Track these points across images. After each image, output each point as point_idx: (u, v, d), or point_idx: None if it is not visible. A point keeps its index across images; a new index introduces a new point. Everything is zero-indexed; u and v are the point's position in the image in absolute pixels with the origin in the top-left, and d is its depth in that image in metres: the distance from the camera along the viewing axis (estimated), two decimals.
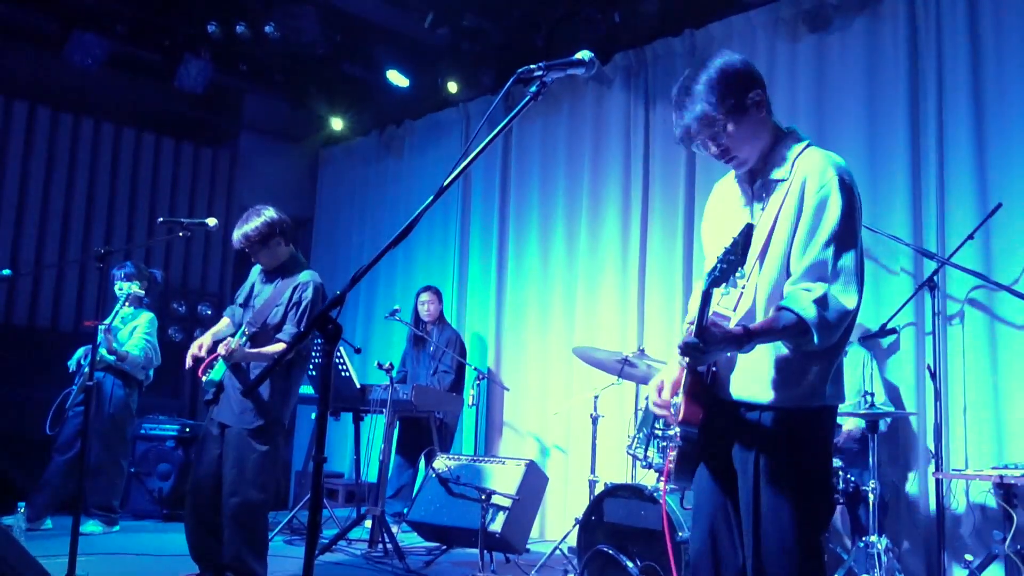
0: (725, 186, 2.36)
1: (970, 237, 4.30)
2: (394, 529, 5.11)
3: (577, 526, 4.13)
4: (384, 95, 7.52)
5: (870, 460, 3.90)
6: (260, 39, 6.39)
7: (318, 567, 4.56)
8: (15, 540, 2.97)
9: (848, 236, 2.06)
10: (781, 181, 2.15)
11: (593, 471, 4.70)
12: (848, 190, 2.08)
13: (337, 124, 8.07)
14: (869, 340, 4.64)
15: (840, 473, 3.98)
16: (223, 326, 4.08)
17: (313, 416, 5.18)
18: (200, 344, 3.89)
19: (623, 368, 4.51)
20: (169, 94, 7.09)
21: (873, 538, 3.80)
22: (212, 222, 4.32)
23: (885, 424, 4.46)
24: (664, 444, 3.76)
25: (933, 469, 4.29)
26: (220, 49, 6.81)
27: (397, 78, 7.00)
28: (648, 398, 2.31)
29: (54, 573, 2.92)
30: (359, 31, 6.78)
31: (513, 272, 6.86)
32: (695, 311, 2.05)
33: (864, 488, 3.90)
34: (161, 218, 4.71)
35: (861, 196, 2.16)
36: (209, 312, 7.76)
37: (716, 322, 2.04)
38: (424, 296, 6.43)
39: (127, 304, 5.54)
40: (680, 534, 3.55)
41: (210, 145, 8.33)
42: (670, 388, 2.20)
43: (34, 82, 7.14)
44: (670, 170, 5.87)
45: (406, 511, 5.15)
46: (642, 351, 4.76)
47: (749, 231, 1.95)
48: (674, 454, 2.18)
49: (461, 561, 4.99)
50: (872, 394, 4.16)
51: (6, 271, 5.71)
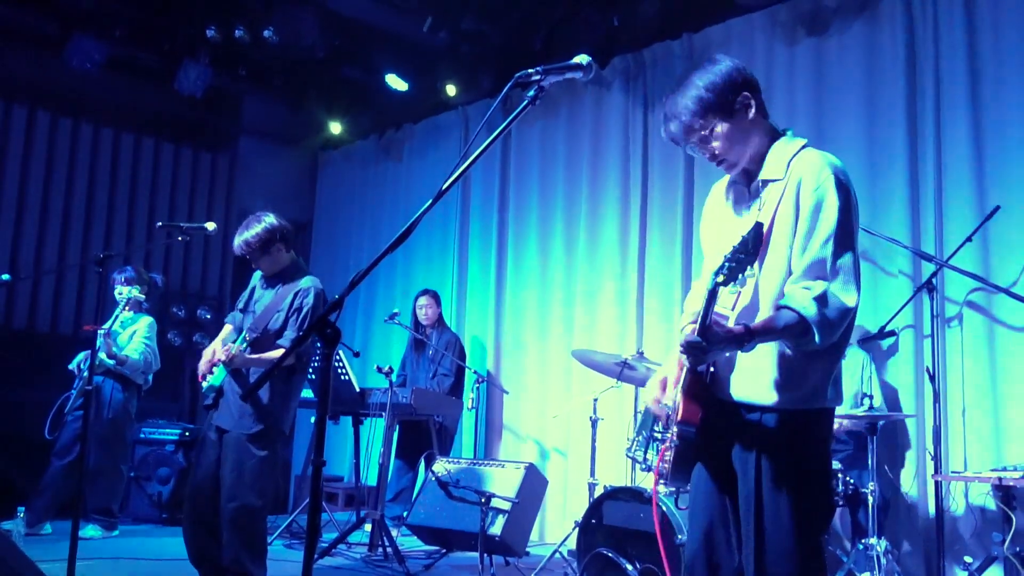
0: (722, 188, 2.38)
1: (968, 239, 4.31)
2: (394, 533, 5.10)
3: (577, 529, 4.13)
4: (383, 98, 7.53)
5: (869, 462, 3.90)
6: (259, 43, 6.39)
7: (317, 571, 4.56)
8: (14, 544, 2.97)
9: (845, 235, 2.07)
10: (777, 181, 2.16)
11: (592, 474, 4.70)
12: (844, 189, 2.09)
13: (336, 127, 8.08)
14: (868, 342, 4.64)
15: (840, 475, 3.97)
16: (226, 334, 4.06)
17: (312, 420, 5.17)
18: (210, 354, 3.89)
19: (622, 371, 4.50)
20: (168, 97, 7.09)
21: (872, 540, 3.81)
22: (211, 226, 4.32)
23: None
24: (663, 446, 3.76)
25: (932, 471, 4.28)
26: (219, 53, 6.81)
27: (396, 81, 7.01)
28: (645, 399, 2.31)
29: None
30: (358, 35, 6.79)
31: (512, 275, 6.85)
32: (695, 310, 2.05)
33: (864, 490, 3.90)
34: (160, 222, 4.72)
35: (860, 198, 2.17)
36: (208, 316, 7.75)
37: (717, 321, 2.05)
38: (422, 300, 6.43)
39: (127, 308, 5.53)
40: (679, 536, 3.55)
41: (209, 149, 8.33)
42: (672, 385, 2.21)
43: (33, 85, 7.14)
44: (669, 173, 5.87)
45: (406, 515, 5.14)
46: (641, 354, 4.76)
47: (759, 229, 1.96)
48: (669, 454, 2.18)
49: (461, 564, 4.99)
50: (871, 396, 4.16)
51: (5, 275, 5.71)
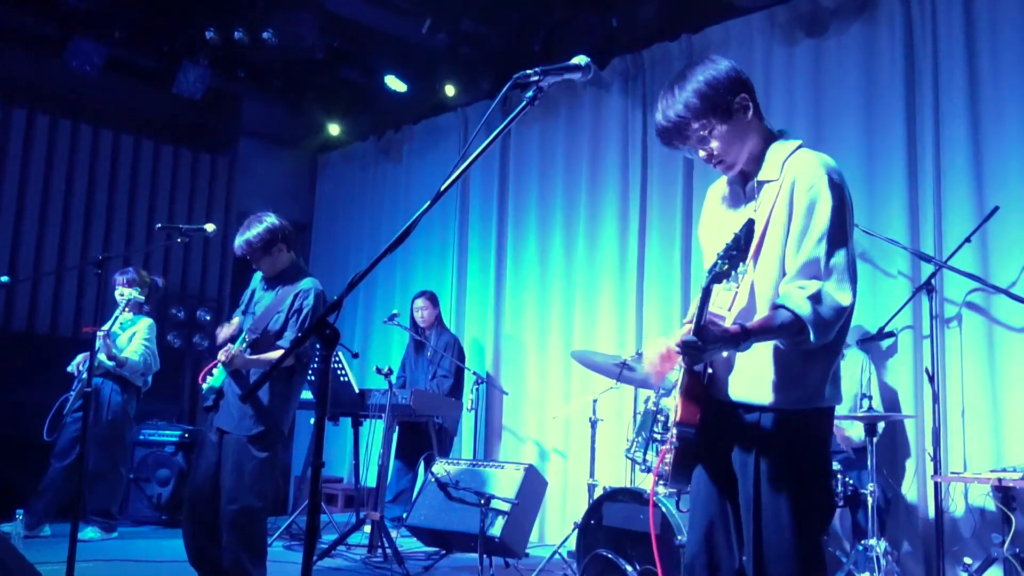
0: (719, 189, 2.39)
1: (967, 240, 4.30)
2: (393, 534, 5.10)
3: (576, 530, 4.13)
4: (382, 100, 7.53)
5: (869, 463, 3.90)
6: (258, 44, 6.39)
7: (317, 572, 4.56)
8: (13, 547, 2.97)
9: (839, 233, 2.08)
10: (772, 182, 2.17)
11: (592, 475, 4.70)
12: (838, 188, 2.10)
13: (335, 129, 8.08)
14: (867, 343, 4.64)
15: (839, 476, 3.98)
16: (237, 324, 4.07)
17: (312, 421, 5.18)
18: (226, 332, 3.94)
19: (622, 372, 4.50)
20: (168, 99, 7.09)
21: (872, 541, 3.80)
22: (210, 228, 4.32)
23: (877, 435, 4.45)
24: (663, 447, 3.76)
25: (932, 472, 4.28)
26: (218, 54, 6.81)
27: (395, 83, 7.01)
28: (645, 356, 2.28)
29: None
30: (357, 36, 6.79)
31: (512, 276, 6.85)
32: (694, 309, 2.05)
33: (863, 491, 3.90)
34: (160, 224, 4.71)
35: (858, 199, 2.18)
36: (208, 318, 7.75)
37: (713, 321, 2.05)
38: (418, 302, 6.42)
39: (127, 310, 5.54)
40: (679, 537, 3.55)
41: (208, 150, 8.33)
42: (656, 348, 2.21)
43: (33, 87, 7.14)
44: (668, 174, 5.87)
45: (405, 516, 5.14)
46: (640, 355, 4.75)
47: (751, 226, 1.97)
48: (669, 456, 2.18)
49: (460, 566, 4.99)
50: (870, 397, 4.16)
51: (5, 277, 5.71)
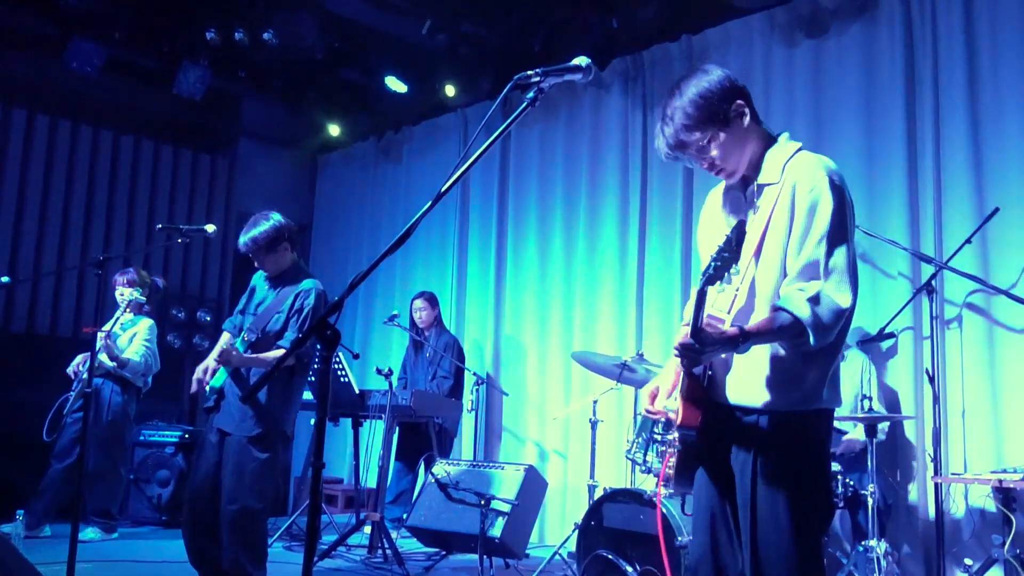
0: (719, 193, 2.39)
1: (967, 241, 4.31)
2: (393, 535, 5.10)
3: (576, 531, 4.13)
4: (382, 100, 7.53)
5: (869, 464, 3.90)
6: (259, 45, 6.39)
7: (317, 573, 4.55)
8: (14, 547, 2.97)
9: (839, 235, 2.08)
10: (772, 184, 2.17)
11: (592, 476, 4.69)
12: (838, 190, 2.10)
13: (335, 129, 8.08)
14: (867, 344, 4.64)
15: (839, 477, 3.97)
16: (224, 342, 4.02)
17: (312, 422, 5.18)
18: (205, 368, 3.88)
19: (622, 373, 4.50)
20: (168, 100, 7.09)
21: (872, 542, 3.80)
22: (211, 228, 4.32)
23: (884, 434, 4.45)
24: (663, 449, 3.76)
25: (932, 473, 4.28)
26: (219, 55, 6.81)
27: (395, 84, 7.01)
28: (641, 404, 2.33)
29: None
30: (357, 37, 6.79)
31: (512, 277, 6.85)
32: (690, 312, 2.06)
33: (863, 492, 3.90)
34: (160, 224, 4.70)
35: (859, 200, 2.18)
36: (208, 318, 7.75)
37: (712, 323, 2.05)
38: (417, 303, 6.41)
39: (127, 310, 5.54)
40: (679, 539, 3.55)
41: (209, 151, 8.33)
42: (664, 396, 2.22)
43: (33, 88, 7.14)
44: (668, 175, 5.87)
45: (405, 516, 5.14)
46: (641, 355, 4.75)
47: (741, 228, 1.98)
48: (673, 460, 2.18)
49: (460, 566, 4.99)
50: (870, 398, 4.15)
51: (5, 278, 5.71)
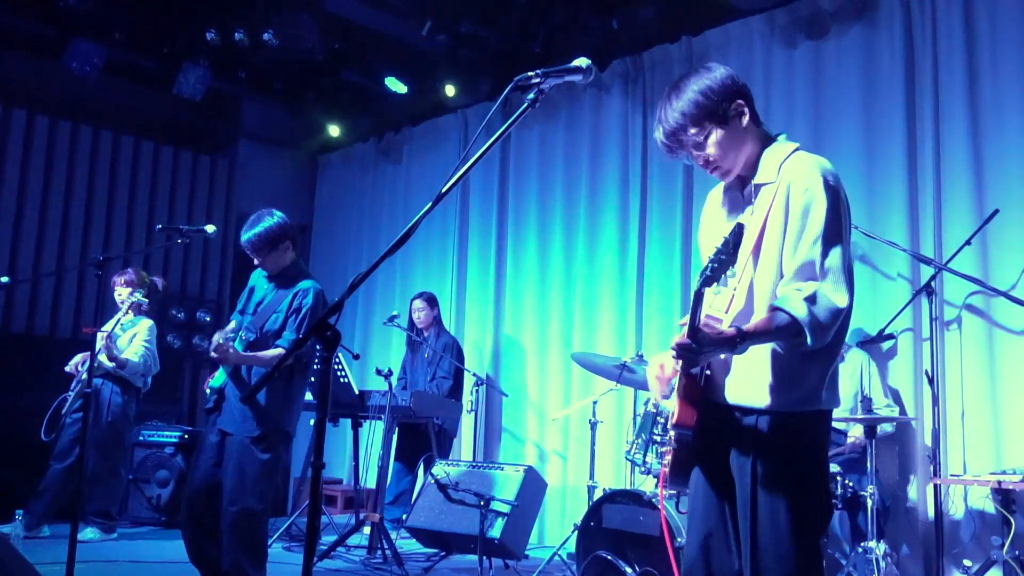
0: (718, 194, 2.39)
1: (967, 242, 4.31)
2: (393, 535, 5.09)
3: (576, 532, 4.13)
4: (382, 101, 7.54)
5: (868, 465, 3.90)
6: (259, 46, 6.40)
7: (317, 574, 4.56)
8: (13, 548, 2.97)
9: (834, 235, 2.08)
10: (769, 184, 2.18)
11: (592, 477, 4.70)
12: (833, 191, 2.11)
13: (335, 130, 8.08)
14: (867, 345, 4.64)
15: (839, 478, 3.98)
16: (233, 325, 4.05)
17: (312, 422, 5.18)
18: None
19: (622, 373, 4.50)
20: (168, 101, 7.09)
21: (872, 543, 3.80)
22: (211, 229, 4.32)
23: (892, 426, 4.44)
24: (663, 450, 3.76)
25: (931, 474, 4.29)
26: (219, 56, 6.82)
27: (395, 84, 7.02)
28: (648, 401, 2.33)
29: None
30: (357, 38, 6.79)
31: (511, 278, 6.86)
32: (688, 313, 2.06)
33: (863, 493, 3.90)
34: (160, 225, 4.70)
35: (858, 201, 2.19)
36: (208, 319, 7.75)
37: (709, 323, 2.06)
38: (416, 303, 6.41)
39: (127, 311, 5.53)
40: (679, 540, 3.55)
41: (208, 152, 8.34)
42: (665, 381, 2.22)
43: (32, 89, 7.14)
44: (668, 176, 5.88)
45: (405, 517, 5.14)
46: (640, 356, 4.75)
47: (739, 230, 1.98)
48: (669, 458, 2.19)
49: (460, 567, 4.99)
50: (871, 399, 4.16)
51: (4, 278, 5.71)
